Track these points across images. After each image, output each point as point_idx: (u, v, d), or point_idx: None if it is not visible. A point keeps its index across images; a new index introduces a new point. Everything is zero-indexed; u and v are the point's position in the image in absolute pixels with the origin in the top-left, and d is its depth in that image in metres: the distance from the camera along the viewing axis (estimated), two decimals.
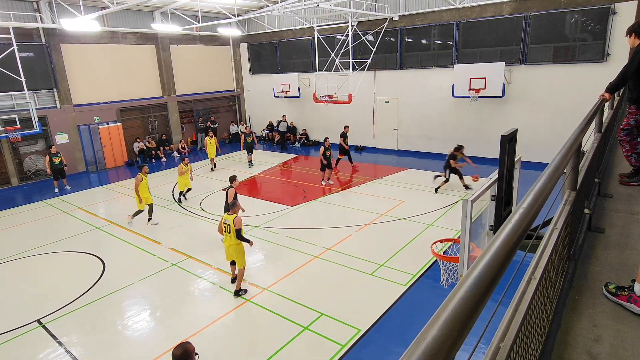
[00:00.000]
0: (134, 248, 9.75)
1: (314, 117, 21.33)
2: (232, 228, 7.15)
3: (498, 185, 3.57)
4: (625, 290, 2.08)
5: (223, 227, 7.37)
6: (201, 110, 22.38)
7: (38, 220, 12.08)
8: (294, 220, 11.04)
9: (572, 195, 2.42)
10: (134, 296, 7.71)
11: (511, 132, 3.37)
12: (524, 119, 14.66)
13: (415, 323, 6.42)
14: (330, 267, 8.39)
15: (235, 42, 23.34)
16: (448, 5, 15.77)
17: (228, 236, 7.27)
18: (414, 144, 18.19)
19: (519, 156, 4.36)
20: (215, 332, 6.50)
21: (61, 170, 14.58)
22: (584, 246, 2.75)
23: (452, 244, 7.69)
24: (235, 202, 7.42)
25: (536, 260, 1.78)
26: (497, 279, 0.87)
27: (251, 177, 15.81)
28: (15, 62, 14.64)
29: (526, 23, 14.30)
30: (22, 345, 6.43)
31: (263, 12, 17.71)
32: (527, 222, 1.14)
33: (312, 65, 19.47)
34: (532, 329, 1.49)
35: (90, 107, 17.74)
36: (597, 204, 3.50)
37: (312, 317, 6.69)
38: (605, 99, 3.90)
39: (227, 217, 7.30)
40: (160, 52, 19.85)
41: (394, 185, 13.68)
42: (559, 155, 1.86)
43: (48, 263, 9.30)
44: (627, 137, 4.08)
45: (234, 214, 7.27)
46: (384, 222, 10.58)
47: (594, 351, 1.76)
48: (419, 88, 17.33)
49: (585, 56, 13.63)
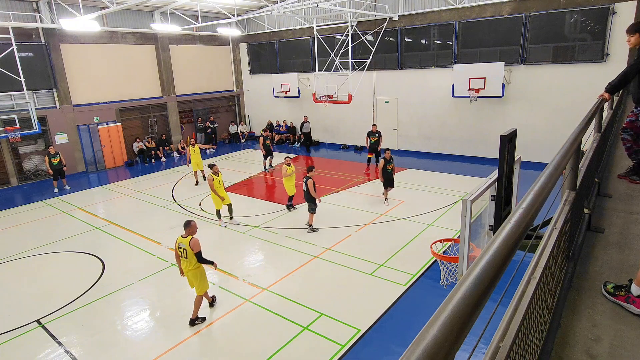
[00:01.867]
0: (133, 248, 9.74)
1: (313, 117, 21.31)
2: (190, 252, 6.43)
3: (497, 185, 3.57)
4: (623, 290, 2.08)
5: (177, 251, 6.61)
6: (201, 110, 22.37)
7: (37, 220, 12.07)
8: (294, 220, 11.04)
9: (571, 195, 2.42)
10: (133, 296, 7.71)
11: (510, 132, 3.38)
12: (523, 119, 14.67)
13: (414, 323, 6.42)
14: (330, 267, 8.39)
15: (235, 42, 23.34)
16: (447, 5, 15.77)
17: (185, 261, 6.54)
18: (414, 144, 18.20)
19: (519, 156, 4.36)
20: (214, 332, 6.50)
21: (60, 171, 14.58)
22: (584, 246, 2.75)
23: (451, 244, 7.70)
24: (191, 222, 6.58)
25: (536, 260, 1.78)
26: (496, 279, 0.87)
27: (250, 178, 15.81)
28: (14, 62, 14.63)
29: (525, 23, 14.31)
30: (21, 346, 6.43)
31: (263, 12, 17.72)
32: (527, 222, 1.14)
33: (312, 65, 19.47)
34: (532, 329, 1.49)
35: (90, 107, 17.73)
36: (597, 203, 3.50)
37: (311, 317, 6.69)
38: (604, 99, 3.89)
39: (181, 241, 6.51)
40: (159, 52, 19.84)
41: None
42: (558, 155, 1.86)
43: (48, 263, 9.30)
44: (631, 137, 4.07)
45: (189, 235, 6.50)
46: (384, 222, 10.58)
47: (593, 351, 1.76)
48: (418, 88, 17.34)
49: (584, 56, 13.64)
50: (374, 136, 15.25)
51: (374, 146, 15.31)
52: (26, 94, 15.01)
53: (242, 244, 9.76)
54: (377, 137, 15.23)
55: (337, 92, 17.32)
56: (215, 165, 10.60)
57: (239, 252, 9.37)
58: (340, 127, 20.31)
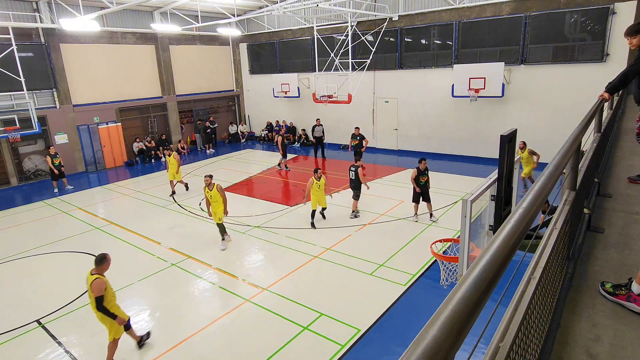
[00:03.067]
0: (133, 248, 9.74)
1: (313, 117, 21.27)
2: (91, 295, 5.31)
3: (497, 185, 3.57)
4: (623, 289, 2.08)
5: None
6: (200, 111, 22.36)
7: (37, 220, 12.07)
8: (294, 220, 11.04)
9: (571, 195, 2.42)
10: (133, 296, 7.70)
11: (510, 132, 3.38)
12: (523, 119, 14.67)
13: (414, 323, 6.42)
14: (329, 267, 8.39)
15: (235, 42, 23.34)
16: (447, 5, 15.78)
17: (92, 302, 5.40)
18: (414, 144, 18.20)
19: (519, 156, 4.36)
20: (214, 332, 6.50)
21: (60, 171, 14.60)
22: (584, 246, 2.75)
23: (451, 244, 7.70)
24: (104, 259, 5.41)
25: (536, 260, 1.78)
26: (496, 279, 0.87)
27: (250, 178, 15.82)
28: (14, 62, 14.63)
29: (525, 23, 14.31)
30: (21, 346, 6.42)
31: (262, 12, 17.72)
32: (527, 222, 1.14)
33: (312, 65, 19.47)
34: (532, 329, 1.49)
35: (90, 107, 17.73)
36: (597, 203, 3.50)
37: (311, 317, 6.69)
38: (604, 99, 3.89)
39: (88, 277, 5.36)
40: (159, 52, 19.84)
41: (393, 185, 13.68)
42: (558, 155, 1.86)
43: (47, 263, 9.29)
44: None
45: (97, 274, 5.32)
46: (384, 222, 10.58)
47: (593, 351, 1.76)
48: (418, 88, 17.34)
49: (584, 56, 13.64)
50: (355, 139, 14.99)
51: (356, 149, 14.93)
52: (26, 94, 15.01)
53: (242, 244, 9.76)
54: (358, 140, 14.91)
55: (337, 92, 17.32)
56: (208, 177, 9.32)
57: (239, 252, 9.37)
58: (340, 127, 20.29)
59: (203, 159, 19.47)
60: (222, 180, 15.25)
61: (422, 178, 10.02)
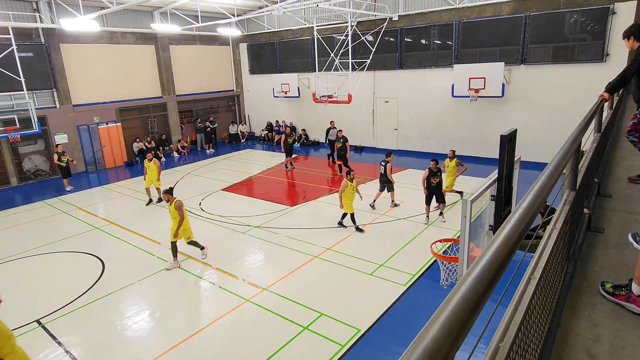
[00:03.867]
0: (133, 248, 9.74)
1: (313, 117, 21.33)
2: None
3: (497, 185, 3.57)
4: (622, 289, 2.08)
5: None
6: (200, 110, 22.37)
7: (37, 220, 12.07)
8: (294, 220, 11.04)
9: (571, 195, 2.42)
10: (133, 296, 7.71)
11: (510, 131, 3.37)
12: (523, 119, 14.67)
13: (414, 323, 6.42)
14: (329, 267, 8.39)
15: (235, 42, 23.33)
16: (447, 5, 15.78)
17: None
18: (414, 144, 18.20)
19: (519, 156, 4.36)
20: (214, 332, 6.50)
21: (68, 169, 14.72)
22: (584, 246, 2.75)
23: (451, 244, 7.70)
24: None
25: (536, 260, 1.78)
26: (496, 279, 0.87)
27: (250, 177, 15.81)
28: (14, 62, 14.63)
29: (525, 23, 14.31)
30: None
31: (262, 12, 17.72)
32: (527, 222, 1.14)
33: (312, 65, 19.47)
34: (532, 329, 1.49)
35: (90, 107, 17.72)
36: (597, 203, 3.50)
37: (311, 317, 6.69)
38: (604, 99, 3.89)
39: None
40: (159, 52, 19.84)
41: None
42: (558, 155, 1.86)
43: (47, 263, 9.29)
44: None
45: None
46: (384, 222, 10.58)
47: (593, 351, 1.76)
48: (418, 88, 17.34)
49: (584, 56, 13.64)
50: (339, 142, 14.51)
51: (340, 152, 14.56)
52: (26, 94, 15.01)
53: (242, 244, 9.77)
54: (342, 143, 14.41)
55: (337, 92, 17.32)
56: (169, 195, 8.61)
57: (239, 252, 9.37)
58: (339, 127, 20.27)
59: (203, 158, 19.48)
60: (222, 180, 15.27)
61: (433, 179, 9.79)
